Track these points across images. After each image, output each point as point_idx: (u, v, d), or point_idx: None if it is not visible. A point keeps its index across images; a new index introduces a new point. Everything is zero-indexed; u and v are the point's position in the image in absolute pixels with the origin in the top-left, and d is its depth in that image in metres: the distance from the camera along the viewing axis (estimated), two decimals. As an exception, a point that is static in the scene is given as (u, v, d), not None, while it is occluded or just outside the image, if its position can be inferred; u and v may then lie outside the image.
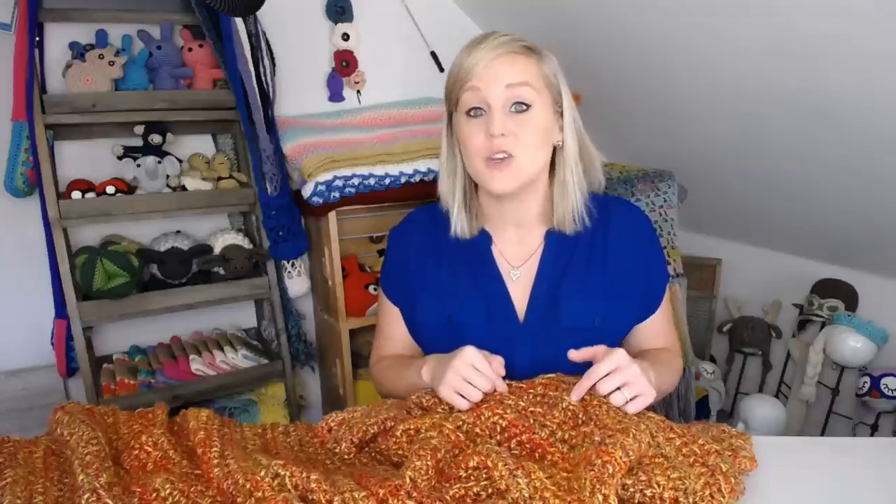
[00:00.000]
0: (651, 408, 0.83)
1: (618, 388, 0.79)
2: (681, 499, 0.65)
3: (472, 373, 0.83)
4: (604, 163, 1.55)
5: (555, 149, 0.99)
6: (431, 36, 1.93)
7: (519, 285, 1.00)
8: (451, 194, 1.02)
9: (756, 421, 1.74)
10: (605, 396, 0.79)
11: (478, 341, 0.89)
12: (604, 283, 0.98)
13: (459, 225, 1.01)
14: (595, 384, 0.80)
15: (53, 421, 0.85)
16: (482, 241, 1.03)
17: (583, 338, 0.91)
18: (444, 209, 1.04)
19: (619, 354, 0.82)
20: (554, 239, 1.01)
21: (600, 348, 0.85)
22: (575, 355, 0.86)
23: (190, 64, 1.56)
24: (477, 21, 1.99)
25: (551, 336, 0.96)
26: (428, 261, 1.05)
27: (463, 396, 0.82)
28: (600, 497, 0.62)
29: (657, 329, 1.05)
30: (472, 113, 0.93)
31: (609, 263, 0.99)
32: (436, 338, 1.02)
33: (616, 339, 1.02)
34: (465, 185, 1.02)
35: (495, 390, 0.83)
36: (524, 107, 0.92)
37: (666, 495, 0.65)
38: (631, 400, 0.79)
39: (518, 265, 1.01)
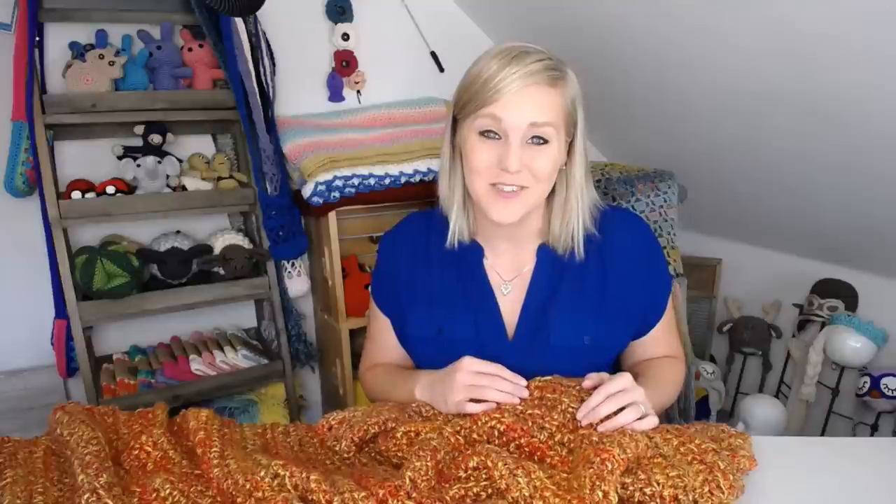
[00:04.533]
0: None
1: (624, 408, 0.79)
2: (680, 496, 0.65)
3: (478, 378, 0.84)
4: (604, 163, 1.56)
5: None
6: (431, 36, 1.93)
7: (509, 300, 0.97)
8: (451, 198, 0.98)
9: (756, 421, 1.74)
10: (614, 414, 0.78)
11: (467, 355, 0.89)
12: (597, 302, 0.95)
13: (458, 229, 0.98)
14: (601, 403, 0.78)
15: (53, 421, 0.85)
16: (474, 253, 1.00)
17: (572, 356, 0.92)
18: (443, 213, 1.00)
19: (626, 377, 0.82)
20: (546, 254, 0.97)
21: (604, 375, 0.85)
22: (588, 384, 0.85)
23: (190, 64, 1.56)
24: (477, 21, 1.99)
25: (540, 354, 0.93)
26: (418, 271, 1.02)
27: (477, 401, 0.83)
28: (600, 493, 0.62)
29: (658, 337, 1.02)
30: (485, 134, 0.88)
31: (605, 282, 0.96)
32: (425, 350, 1.01)
33: (608, 357, 1.00)
34: (464, 191, 0.97)
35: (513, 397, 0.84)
36: (542, 141, 0.88)
37: (665, 493, 0.66)
38: (641, 418, 0.79)
39: (509, 279, 0.98)
